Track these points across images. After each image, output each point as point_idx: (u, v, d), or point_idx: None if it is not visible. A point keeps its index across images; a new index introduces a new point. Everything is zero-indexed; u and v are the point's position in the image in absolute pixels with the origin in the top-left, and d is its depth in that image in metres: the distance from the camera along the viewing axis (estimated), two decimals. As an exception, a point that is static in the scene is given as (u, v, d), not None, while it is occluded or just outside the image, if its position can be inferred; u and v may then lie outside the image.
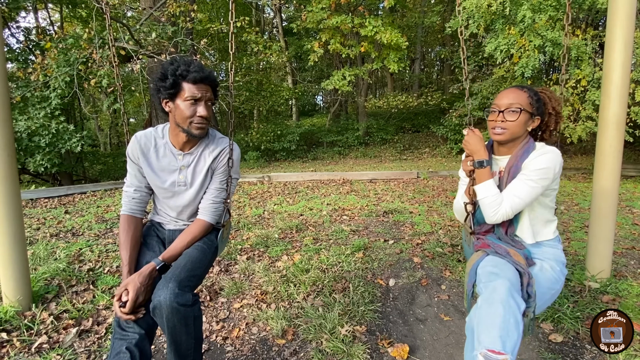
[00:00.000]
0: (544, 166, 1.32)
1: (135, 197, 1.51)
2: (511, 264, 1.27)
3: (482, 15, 6.98)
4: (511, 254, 1.31)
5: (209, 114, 1.41)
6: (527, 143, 1.40)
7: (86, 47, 6.62)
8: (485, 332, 1.10)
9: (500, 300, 1.12)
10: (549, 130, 1.50)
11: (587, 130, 6.64)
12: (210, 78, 1.40)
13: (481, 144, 1.42)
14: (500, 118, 1.38)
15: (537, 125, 1.43)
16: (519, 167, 1.37)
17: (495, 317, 1.10)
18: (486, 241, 1.42)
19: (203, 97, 1.38)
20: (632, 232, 3.56)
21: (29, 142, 6.98)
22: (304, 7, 10.38)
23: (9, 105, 2.05)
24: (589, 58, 6.64)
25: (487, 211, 1.38)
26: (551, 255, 1.42)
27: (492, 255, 1.34)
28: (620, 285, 2.31)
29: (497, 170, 1.47)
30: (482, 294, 1.20)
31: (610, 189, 2.34)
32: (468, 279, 1.35)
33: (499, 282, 1.17)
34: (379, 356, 1.78)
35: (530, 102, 1.38)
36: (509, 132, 1.38)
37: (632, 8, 2.19)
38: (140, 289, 1.27)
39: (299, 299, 2.31)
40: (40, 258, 2.96)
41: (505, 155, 1.46)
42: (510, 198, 1.34)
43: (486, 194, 1.37)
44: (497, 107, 1.40)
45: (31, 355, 1.78)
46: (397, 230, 3.87)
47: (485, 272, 1.26)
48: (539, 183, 1.32)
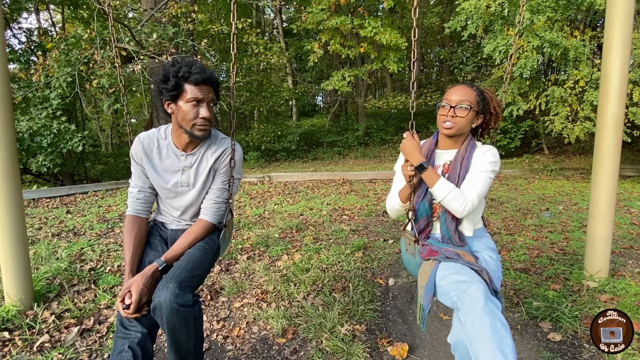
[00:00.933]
0: (493, 160, 1.40)
1: (139, 197, 1.51)
2: (467, 266, 1.25)
3: (480, 16, 6.98)
4: (461, 255, 1.30)
5: (211, 115, 1.40)
6: (471, 140, 1.47)
7: (87, 47, 6.62)
8: (482, 349, 1.05)
9: (482, 308, 1.09)
10: (488, 129, 1.56)
11: (585, 131, 6.64)
12: (212, 79, 1.40)
13: (417, 148, 1.40)
14: (450, 113, 1.41)
15: (479, 122, 1.49)
16: (470, 161, 1.42)
17: (484, 329, 1.06)
18: (432, 247, 1.39)
19: (205, 98, 1.37)
20: (630, 231, 3.56)
21: (30, 143, 6.98)
22: (304, 8, 10.38)
23: (11, 105, 2.05)
24: (587, 59, 6.64)
25: (455, 206, 1.34)
26: (484, 244, 1.45)
27: (445, 262, 1.30)
28: (618, 284, 2.32)
29: (442, 164, 1.49)
30: (461, 308, 1.14)
31: (609, 189, 2.34)
32: (425, 292, 1.26)
33: (473, 289, 1.13)
34: (378, 355, 1.78)
35: (477, 101, 1.43)
36: (457, 127, 1.42)
37: (630, 9, 2.19)
38: (144, 290, 1.27)
39: (299, 298, 2.31)
40: (42, 257, 2.96)
41: (449, 149, 1.49)
42: (474, 188, 1.37)
43: (446, 192, 1.34)
44: (448, 102, 1.43)
45: (33, 354, 1.78)
46: (396, 229, 3.87)
47: (450, 283, 1.20)
48: (492, 174, 1.40)
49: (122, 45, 6.43)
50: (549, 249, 3.12)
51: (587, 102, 6.53)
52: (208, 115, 1.38)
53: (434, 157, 1.51)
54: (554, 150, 10.15)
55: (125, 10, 10.16)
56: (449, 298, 1.20)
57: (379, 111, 16.41)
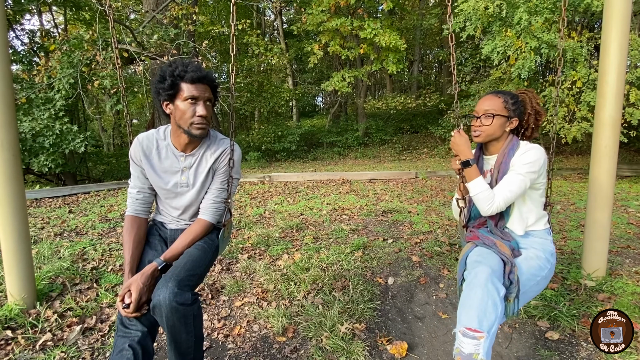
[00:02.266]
0: (529, 160, 1.41)
1: (138, 198, 1.51)
2: (496, 254, 1.36)
3: (479, 17, 6.98)
4: (497, 245, 1.40)
5: (208, 113, 1.40)
6: (512, 142, 1.50)
7: (89, 49, 6.62)
8: (464, 312, 1.19)
9: (479, 284, 1.21)
10: (530, 128, 1.58)
11: (582, 131, 6.65)
12: (208, 78, 1.39)
13: (466, 145, 1.51)
14: (477, 123, 1.52)
15: (515, 125, 1.52)
16: (508, 164, 1.47)
17: (474, 299, 1.18)
18: (476, 233, 1.52)
19: (201, 96, 1.37)
20: (627, 231, 3.56)
21: (33, 143, 6.98)
22: (304, 9, 10.38)
23: (14, 106, 2.04)
24: (584, 60, 6.64)
25: (482, 205, 1.45)
26: (538, 244, 1.48)
27: (480, 247, 1.44)
28: (616, 283, 2.31)
29: (489, 169, 1.56)
30: (466, 280, 1.29)
31: (606, 188, 2.34)
32: (459, 268, 1.45)
33: (480, 269, 1.26)
34: (378, 353, 1.78)
35: (505, 106, 1.49)
36: (484, 134, 1.50)
37: (627, 11, 2.19)
38: (143, 289, 1.27)
39: (300, 297, 2.31)
40: (45, 257, 2.95)
41: (493, 154, 1.56)
42: (503, 192, 1.42)
43: (478, 190, 1.44)
44: (475, 113, 1.54)
45: (35, 353, 1.78)
46: (395, 229, 3.87)
47: (471, 262, 1.36)
48: (526, 176, 1.41)
49: (124, 47, 6.44)
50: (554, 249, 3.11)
51: (584, 103, 6.54)
52: (205, 113, 1.37)
53: (482, 162, 1.60)
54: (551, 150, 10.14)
55: (127, 12, 10.16)
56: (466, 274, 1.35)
57: (378, 112, 16.39)
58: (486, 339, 1.13)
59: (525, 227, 1.51)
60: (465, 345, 1.14)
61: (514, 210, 1.51)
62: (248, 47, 10.89)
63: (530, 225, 1.52)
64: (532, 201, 1.51)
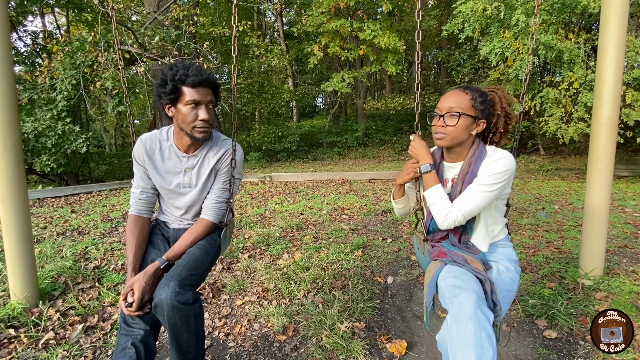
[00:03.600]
0: (498, 171, 1.24)
1: (141, 198, 1.50)
2: (471, 272, 1.20)
3: (477, 19, 6.98)
4: (469, 261, 1.24)
5: (210, 117, 1.39)
6: (478, 148, 1.32)
7: (92, 50, 6.61)
8: (460, 353, 1.02)
9: (469, 316, 1.05)
10: (499, 133, 1.38)
11: (578, 132, 6.65)
12: (209, 81, 1.37)
13: (426, 149, 1.35)
14: (440, 123, 1.30)
15: (482, 128, 1.32)
16: (475, 173, 1.29)
17: (467, 336, 1.02)
18: (442, 249, 1.34)
19: (203, 100, 1.36)
20: (624, 230, 3.56)
21: (35, 143, 6.97)
22: (304, 11, 10.37)
23: (17, 107, 2.04)
24: (581, 61, 6.64)
25: (437, 216, 1.30)
26: (504, 255, 1.36)
27: (450, 265, 1.26)
28: (613, 282, 2.31)
29: (451, 178, 1.39)
30: (450, 310, 1.11)
31: (603, 188, 2.34)
32: (428, 290, 1.27)
33: (464, 296, 1.09)
34: (377, 352, 1.78)
35: (472, 105, 1.28)
36: (449, 137, 1.30)
37: (625, 12, 2.19)
38: (146, 288, 1.27)
39: (300, 296, 2.31)
40: (47, 256, 2.95)
41: (456, 161, 1.37)
42: (464, 204, 1.26)
43: (435, 199, 1.30)
44: (438, 110, 1.32)
45: (38, 351, 1.78)
46: (395, 228, 3.87)
47: (447, 285, 1.18)
48: (494, 187, 1.24)
49: (126, 48, 6.43)
50: (545, 248, 3.12)
51: (581, 104, 6.54)
52: (207, 117, 1.37)
53: (442, 170, 1.41)
54: (549, 151, 10.15)
55: (129, 13, 10.16)
56: (444, 299, 1.18)
57: (377, 112, 16.40)
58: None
59: (490, 240, 1.36)
60: None
61: (479, 224, 1.34)
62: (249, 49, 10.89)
63: (494, 237, 1.39)
64: (498, 211, 1.38)
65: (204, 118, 1.37)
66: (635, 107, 6.24)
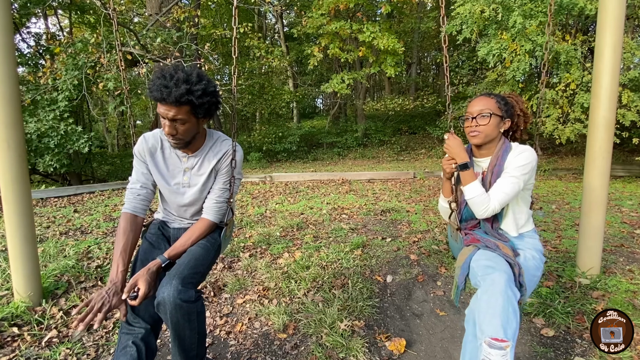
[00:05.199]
0: (523, 163, 1.41)
1: (141, 193, 1.47)
2: (502, 257, 1.33)
3: (475, 20, 6.98)
4: (500, 247, 1.38)
5: (173, 131, 1.32)
6: (504, 144, 1.49)
7: (94, 51, 6.61)
8: (487, 321, 1.13)
9: (500, 292, 1.16)
10: (520, 130, 1.58)
11: (575, 132, 6.65)
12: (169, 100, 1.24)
13: (462, 147, 1.49)
14: (474, 123, 1.48)
15: (508, 126, 1.51)
16: (502, 167, 1.45)
17: (496, 307, 1.14)
18: (475, 236, 1.49)
19: (165, 115, 1.30)
20: (620, 230, 3.56)
21: (38, 143, 6.97)
22: (305, 13, 10.37)
23: (20, 107, 2.04)
24: (578, 62, 6.64)
25: (477, 209, 1.44)
26: (531, 245, 1.49)
27: (483, 250, 1.40)
28: (610, 281, 2.31)
29: (480, 172, 1.54)
30: (481, 286, 1.23)
31: (600, 188, 2.33)
32: (460, 272, 1.40)
33: (496, 275, 1.21)
34: (377, 350, 1.78)
35: (498, 107, 1.48)
36: (482, 134, 1.47)
37: (621, 14, 2.19)
38: (151, 284, 1.26)
39: (300, 295, 2.31)
40: (50, 255, 2.95)
41: (485, 157, 1.54)
42: (498, 194, 1.41)
43: (474, 194, 1.43)
44: (470, 114, 1.50)
45: (41, 349, 1.78)
46: (394, 228, 3.87)
47: (480, 266, 1.30)
48: (520, 178, 1.41)
49: (128, 49, 6.43)
50: (542, 247, 3.11)
51: (578, 104, 6.54)
52: (168, 131, 1.32)
53: (472, 164, 1.55)
54: (547, 151, 10.15)
55: (131, 15, 10.15)
56: (475, 278, 1.32)
57: (377, 113, 16.39)
58: (511, 347, 1.10)
59: (517, 227, 1.51)
60: (493, 356, 1.09)
61: (507, 212, 1.51)
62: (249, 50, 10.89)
63: (521, 226, 1.52)
64: (523, 201, 1.52)
65: (166, 132, 1.32)
66: (632, 107, 6.24)
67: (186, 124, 1.33)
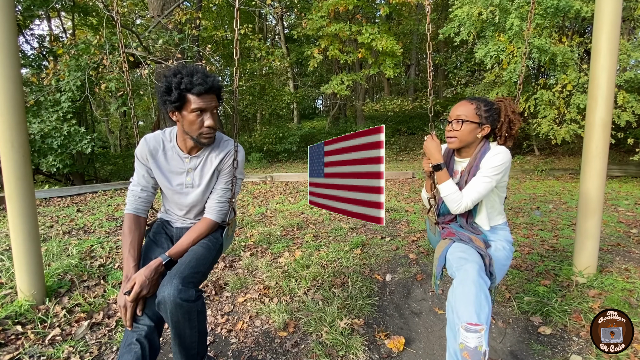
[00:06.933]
0: (497, 164, 1.47)
1: (141, 196, 1.48)
2: (474, 249, 1.42)
3: (473, 23, 6.98)
4: (473, 240, 1.47)
5: (215, 122, 1.38)
6: (483, 146, 1.55)
7: (97, 53, 6.60)
8: (463, 308, 1.23)
9: (472, 281, 1.26)
10: (504, 137, 1.59)
11: (570, 132, 6.65)
12: (214, 88, 1.35)
13: (438, 149, 1.56)
14: (449, 127, 1.56)
15: (487, 132, 1.55)
16: (478, 167, 1.52)
17: (469, 295, 1.24)
18: (451, 230, 1.58)
19: (208, 107, 1.35)
20: (617, 229, 3.56)
21: (42, 144, 6.96)
22: (305, 15, 10.36)
23: (24, 108, 2.04)
24: (574, 64, 6.65)
25: (451, 205, 1.53)
26: (502, 236, 1.58)
27: (458, 242, 1.49)
28: (606, 280, 2.31)
29: (460, 170, 1.61)
30: (456, 276, 1.33)
31: (597, 188, 2.33)
32: (437, 262, 1.51)
33: (469, 266, 1.31)
34: (376, 348, 1.78)
35: (476, 113, 1.52)
36: (457, 139, 1.54)
37: (617, 16, 2.19)
38: (145, 282, 1.26)
39: (300, 294, 2.30)
40: (54, 254, 2.95)
41: (465, 158, 1.60)
42: (471, 193, 1.49)
43: (448, 192, 1.51)
44: (449, 117, 1.57)
45: (45, 347, 1.77)
46: (393, 227, 3.87)
47: (455, 258, 1.40)
48: (493, 178, 1.48)
49: (130, 51, 6.43)
50: (540, 246, 3.12)
51: (574, 105, 6.54)
52: (212, 123, 1.37)
53: (452, 163, 1.64)
54: (544, 152, 10.15)
55: (133, 17, 10.15)
56: (451, 268, 1.40)
57: (376, 114, 16.38)
58: (485, 330, 1.19)
59: (490, 221, 1.59)
60: (470, 339, 1.19)
61: (481, 207, 1.58)
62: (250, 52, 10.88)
63: (493, 219, 1.61)
64: (496, 197, 1.59)
65: (210, 125, 1.36)
66: (627, 108, 6.24)
67: (217, 113, 1.42)
